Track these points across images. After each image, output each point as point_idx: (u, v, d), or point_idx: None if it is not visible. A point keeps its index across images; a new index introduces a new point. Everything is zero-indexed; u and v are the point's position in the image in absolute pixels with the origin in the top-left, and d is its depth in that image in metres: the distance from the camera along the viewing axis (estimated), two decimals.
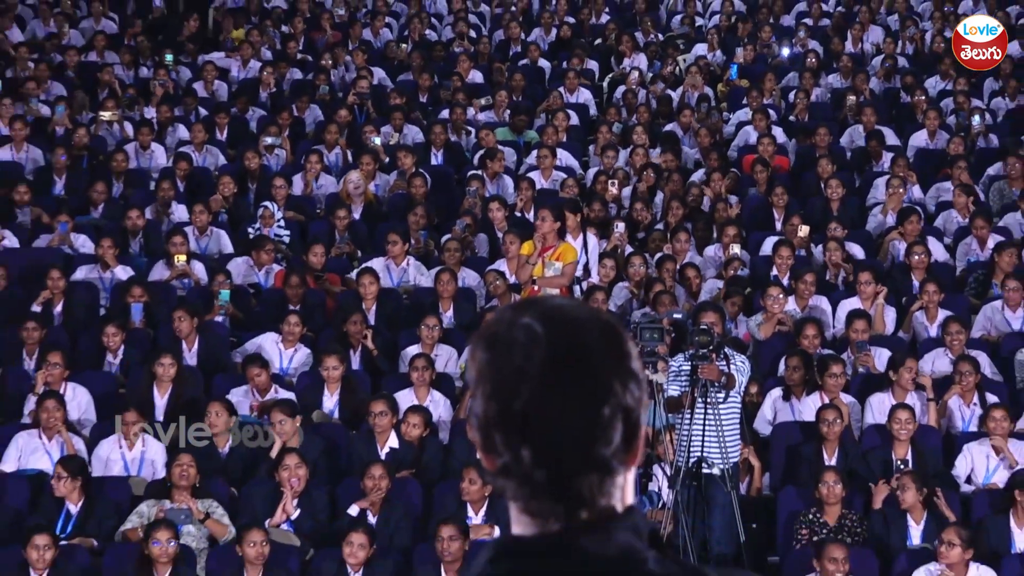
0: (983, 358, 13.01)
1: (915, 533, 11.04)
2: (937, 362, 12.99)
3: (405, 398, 12.32)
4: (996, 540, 11.01)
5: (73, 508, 11.06)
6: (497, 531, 10.61)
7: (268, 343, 13.29)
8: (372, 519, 10.97)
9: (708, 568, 2.48)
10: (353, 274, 14.77)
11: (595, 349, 2.39)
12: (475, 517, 10.92)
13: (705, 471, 10.82)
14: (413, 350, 12.98)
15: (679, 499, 10.93)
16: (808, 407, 12.35)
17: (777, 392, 12.76)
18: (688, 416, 10.57)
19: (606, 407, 2.36)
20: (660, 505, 11.29)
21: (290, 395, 12.37)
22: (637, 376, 2.37)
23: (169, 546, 10.28)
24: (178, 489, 10.93)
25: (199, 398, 12.24)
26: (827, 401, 12.12)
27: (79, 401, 12.31)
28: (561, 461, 2.37)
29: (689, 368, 10.49)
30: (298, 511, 11.07)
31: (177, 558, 10.34)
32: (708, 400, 10.92)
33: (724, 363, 10.95)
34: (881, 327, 13.69)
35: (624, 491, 2.41)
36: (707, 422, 11.00)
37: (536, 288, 13.40)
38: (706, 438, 11.00)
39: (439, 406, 12.44)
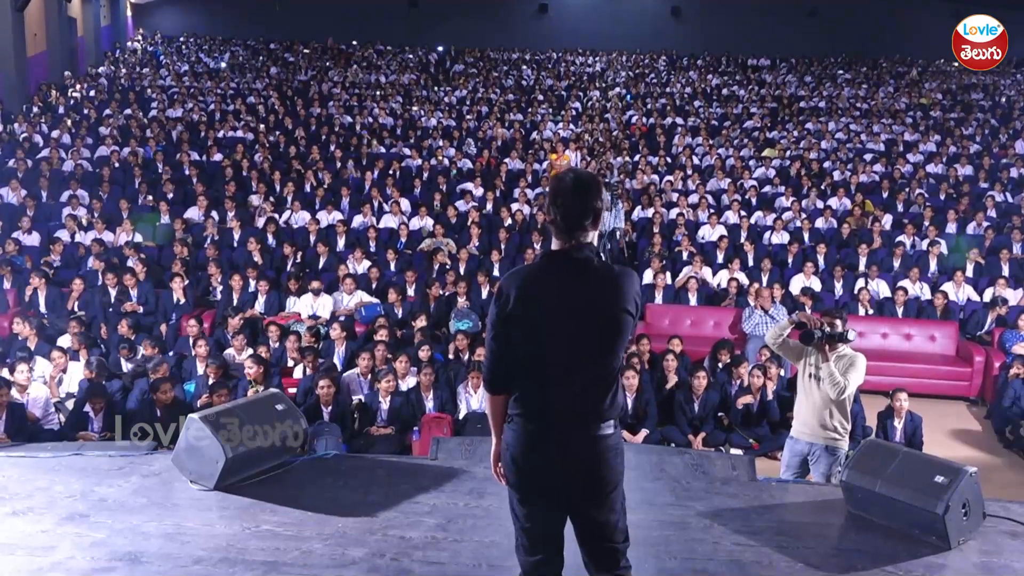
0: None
1: (686, 256, 10.32)
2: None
3: (515, 205, 11.82)
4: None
5: (404, 240, 10.60)
6: (539, 247, 10.11)
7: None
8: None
9: (615, 267, 2.42)
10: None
11: (591, 187, 2.31)
12: (537, 246, 10.42)
13: (614, 232, 10.67)
14: (517, 191, 12.39)
15: (602, 243, 10.78)
16: (648, 213, 11.68)
17: (639, 207, 12.11)
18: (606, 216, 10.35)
19: (591, 207, 2.30)
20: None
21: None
22: (603, 200, 2.32)
23: (440, 255, 9.87)
24: (436, 235, 10.56)
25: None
26: (653, 211, 11.50)
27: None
28: (571, 221, 2.30)
29: (610, 199, 10.22)
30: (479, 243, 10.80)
31: (443, 262, 9.79)
32: (613, 208, 10.74)
33: (623, 197, 10.71)
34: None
35: (592, 238, 2.33)
36: (615, 218, 10.82)
37: (557, 169, 13.09)
38: (614, 222, 10.83)
39: (526, 208, 11.79)
